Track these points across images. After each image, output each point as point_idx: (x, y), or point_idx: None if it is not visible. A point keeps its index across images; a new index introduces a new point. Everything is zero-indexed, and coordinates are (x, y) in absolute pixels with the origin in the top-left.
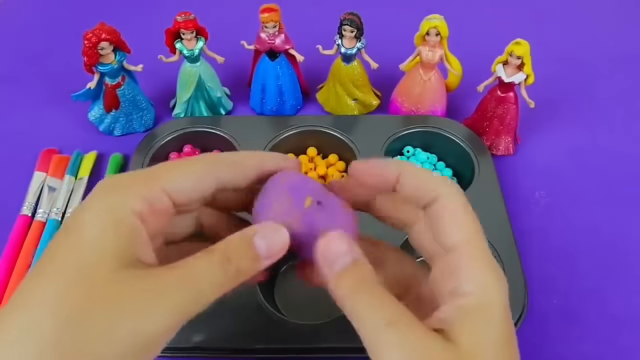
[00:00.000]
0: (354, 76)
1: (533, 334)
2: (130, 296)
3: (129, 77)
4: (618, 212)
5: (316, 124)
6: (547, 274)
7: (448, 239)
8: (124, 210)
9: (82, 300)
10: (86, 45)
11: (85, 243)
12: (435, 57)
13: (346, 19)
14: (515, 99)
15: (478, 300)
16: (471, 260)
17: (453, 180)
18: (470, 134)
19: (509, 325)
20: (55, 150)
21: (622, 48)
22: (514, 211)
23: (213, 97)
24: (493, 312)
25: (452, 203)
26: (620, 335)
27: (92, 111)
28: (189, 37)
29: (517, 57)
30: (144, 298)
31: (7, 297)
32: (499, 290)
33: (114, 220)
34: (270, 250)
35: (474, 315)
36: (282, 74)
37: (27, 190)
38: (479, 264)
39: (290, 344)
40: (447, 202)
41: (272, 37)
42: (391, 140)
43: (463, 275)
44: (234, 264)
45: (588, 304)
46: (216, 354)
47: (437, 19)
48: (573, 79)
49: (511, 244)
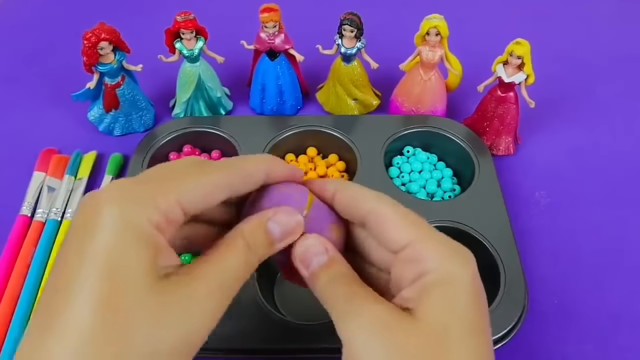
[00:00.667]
0: (354, 76)
1: (533, 334)
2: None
3: (129, 77)
4: (618, 212)
5: (316, 124)
6: (547, 274)
7: (401, 240)
8: (143, 225)
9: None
10: (86, 45)
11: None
12: (435, 57)
13: (346, 18)
14: (515, 99)
15: (438, 276)
16: (428, 246)
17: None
18: (470, 134)
19: (476, 296)
20: (55, 150)
21: (622, 48)
22: (514, 211)
23: (213, 97)
24: (456, 285)
25: (388, 211)
26: (620, 335)
27: (92, 111)
28: (188, 37)
29: (518, 57)
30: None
31: (6, 297)
32: (461, 263)
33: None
34: (283, 234)
35: (435, 290)
36: (282, 74)
37: (26, 190)
38: (437, 246)
39: (290, 344)
40: (383, 211)
41: (272, 37)
42: (391, 140)
43: (423, 260)
44: (253, 251)
45: (588, 304)
46: (216, 354)
47: (437, 19)
48: (573, 79)
49: (511, 244)
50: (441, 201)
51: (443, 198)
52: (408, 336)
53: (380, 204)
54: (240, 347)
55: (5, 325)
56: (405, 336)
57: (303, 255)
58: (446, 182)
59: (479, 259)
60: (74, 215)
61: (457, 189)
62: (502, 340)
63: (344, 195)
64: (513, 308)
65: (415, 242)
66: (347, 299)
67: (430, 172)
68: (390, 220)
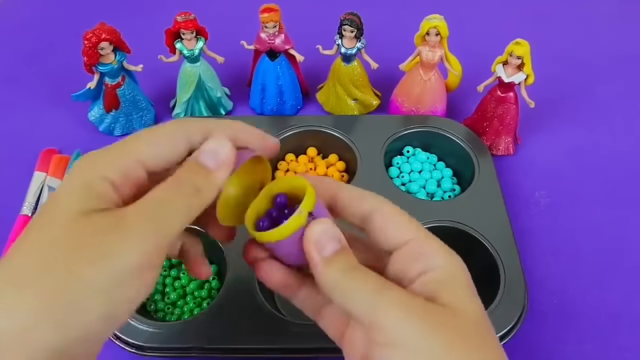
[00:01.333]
0: (354, 76)
1: (533, 334)
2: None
3: (129, 77)
4: (618, 212)
5: (316, 124)
6: (547, 274)
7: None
8: (94, 178)
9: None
10: (86, 45)
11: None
12: (435, 57)
13: (346, 19)
14: (515, 99)
15: (448, 271)
16: (428, 245)
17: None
18: (470, 134)
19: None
20: (55, 150)
21: (622, 48)
22: (514, 211)
23: (213, 97)
24: (461, 277)
25: (390, 214)
26: (620, 335)
27: (92, 111)
28: (189, 37)
29: (517, 57)
30: (106, 234)
31: None
32: (458, 261)
33: (83, 183)
34: (218, 162)
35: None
36: (282, 74)
37: (27, 190)
38: (439, 246)
39: (290, 344)
40: (386, 214)
41: (272, 37)
42: (391, 140)
43: (428, 256)
44: (189, 184)
45: (588, 304)
46: (216, 354)
47: (437, 19)
48: (573, 79)
49: (511, 244)
50: (441, 201)
51: (443, 198)
52: (447, 318)
53: (382, 203)
54: (240, 347)
55: None
56: (444, 318)
57: (319, 237)
58: (446, 182)
59: (479, 259)
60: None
61: (457, 189)
62: (501, 340)
63: (347, 194)
64: (513, 308)
65: (417, 239)
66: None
67: (430, 172)
68: (395, 217)
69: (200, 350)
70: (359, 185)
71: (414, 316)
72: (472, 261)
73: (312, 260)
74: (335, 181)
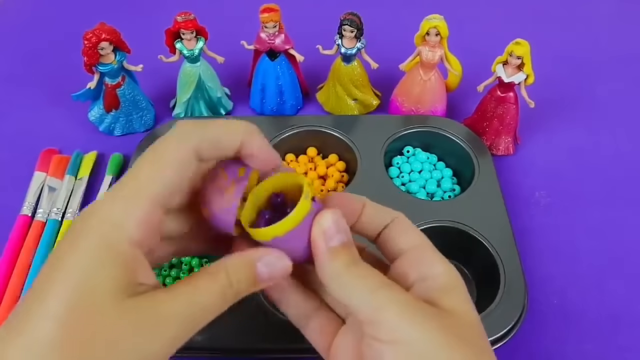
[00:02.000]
0: (353, 76)
1: (533, 334)
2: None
3: (129, 77)
4: (618, 212)
5: (316, 124)
6: (547, 274)
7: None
8: (121, 244)
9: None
10: (86, 45)
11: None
12: (435, 57)
13: (346, 19)
14: (515, 99)
15: (447, 279)
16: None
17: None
18: (470, 134)
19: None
20: (56, 150)
21: (622, 48)
22: (514, 211)
23: (213, 97)
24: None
25: (404, 222)
26: (620, 335)
27: (92, 111)
28: (189, 37)
29: (517, 57)
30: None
31: (7, 297)
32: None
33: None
34: (271, 276)
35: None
36: (282, 74)
37: (27, 190)
38: (439, 257)
39: (290, 344)
40: (401, 221)
41: (272, 37)
42: (391, 140)
43: (430, 263)
44: (234, 289)
45: (588, 304)
46: (216, 353)
47: (437, 19)
48: (573, 79)
49: (511, 244)
50: (441, 201)
51: (443, 198)
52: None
53: (400, 213)
54: (239, 347)
55: None
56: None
57: (329, 225)
58: (446, 182)
59: (479, 259)
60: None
61: (457, 189)
62: (501, 340)
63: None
64: (513, 308)
65: (422, 246)
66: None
67: (430, 172)
68: (408, 226)
69: (200, 350)
70: (359, 185)
71: (416, 314)
72: (472, 261)
73: (318, 249)
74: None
